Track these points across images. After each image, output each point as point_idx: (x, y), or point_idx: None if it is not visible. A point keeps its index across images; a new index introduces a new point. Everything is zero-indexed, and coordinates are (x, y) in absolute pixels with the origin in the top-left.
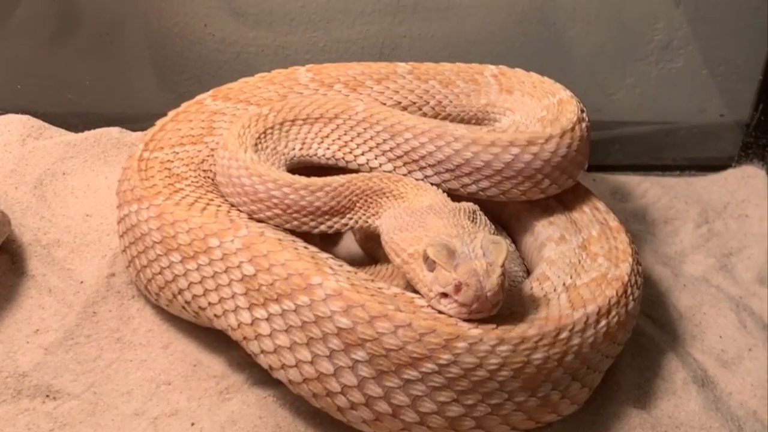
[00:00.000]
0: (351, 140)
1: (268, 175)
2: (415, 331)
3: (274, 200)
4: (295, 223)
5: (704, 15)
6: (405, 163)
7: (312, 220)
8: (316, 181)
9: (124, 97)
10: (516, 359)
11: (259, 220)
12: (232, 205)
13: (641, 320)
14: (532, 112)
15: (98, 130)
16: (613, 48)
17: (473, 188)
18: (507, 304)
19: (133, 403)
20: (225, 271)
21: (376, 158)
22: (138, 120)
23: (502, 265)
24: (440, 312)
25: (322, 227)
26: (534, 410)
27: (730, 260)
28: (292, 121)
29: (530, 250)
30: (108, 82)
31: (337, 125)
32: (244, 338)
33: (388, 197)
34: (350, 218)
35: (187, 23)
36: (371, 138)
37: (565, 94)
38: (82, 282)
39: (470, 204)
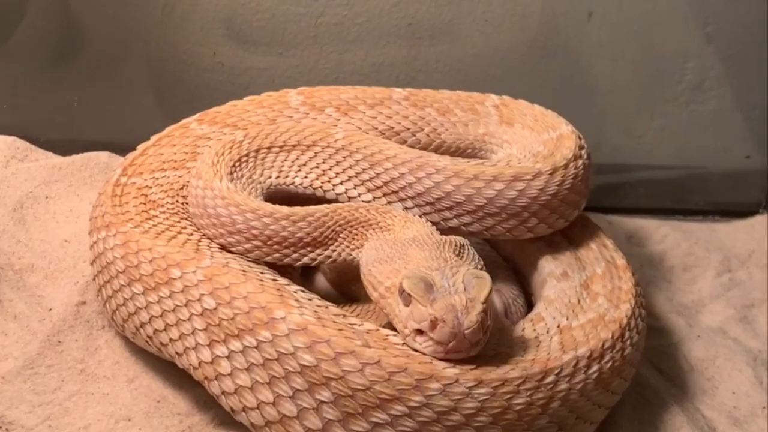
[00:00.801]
0: (329, 169)
1: (246, 204)
2: (384, 370)
3: (254, 231)
4: (276, 255)
5: (737, 54)
6: (384, 194)
7: (294, 251)
8: (298, 210)
9: (123, 122)
10: (495, 403)
11: (237, 254)
12: (208, 238)
13: (647, 371)
14: (529, 146)
15: (86, 154)
16: (640, 88)
17: (454, 223)
18: (493, 344)
19: None
20: (185, 305)
21: (354, 188)
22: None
23: (485, 302)
24: (416, 351)
25: (305, 259)
26: None
27: (751, 312)
28: (268, 148)
29: (534, 286)
30: (106, 107)
31: (315, 153)
32: (206, 378)
33: (374, 229)
34: (333, 250)
35: (195, 51)
36: (350, 167)
37: (567, 129)
38: (50, 309)
39: (459, 238)
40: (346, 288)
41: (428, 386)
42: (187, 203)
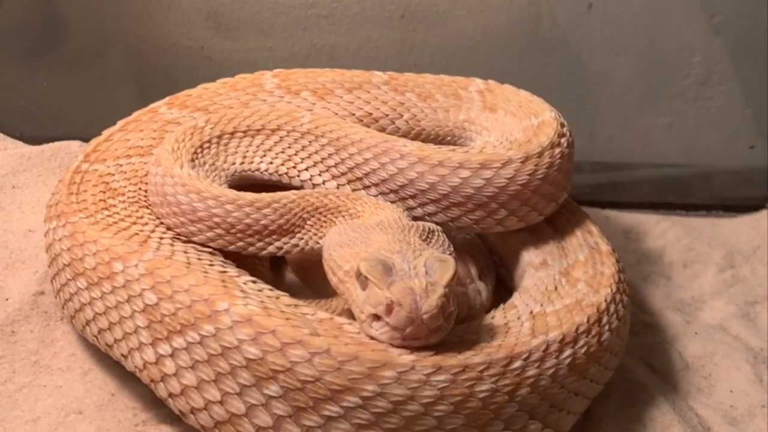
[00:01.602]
0: (295, 154)
1: (208, 191)
2: (334, 359)
3: (216, 219)
4: (240, 244)
5: (746, 47)
6: (349, 181)
7: (259, 240)
8: (263, 197)
9: (101, 115)
10: (455, 391)
11: (200, 243)
12: (168, 228)
13: (636, 367)
14: (508, 133)
15: (56, 144)
16: (644, 83)
17: (419, 212)
18: (457, 331)
19: None
20: (127, 301)
21: (320, 174)
22: None
23: (447, 286)
24: (372, 338)
25: (271, 248)
26: None
27: (754, 309)
28: (231, 133)
29: (516, 279)
30: (84, 100)
31: (281, 137)
32: (152, 380)
33: (343, 216)
34: (300, 238)
35: (178, 43)
36: (316, 152)
37: (550, 116)
38: (7, 299)
39: (430, 224)
40: (311, 281)
41: (382, 374)
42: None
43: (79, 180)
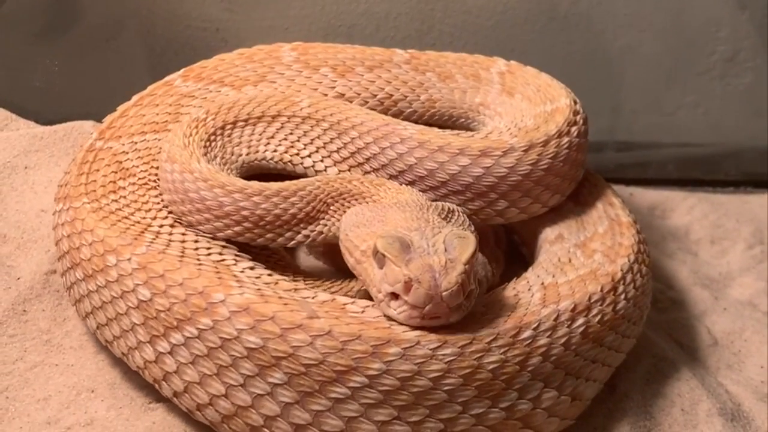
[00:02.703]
0: (297, 140)
1: (233, 184)
2: (336, 340)
3: (244, 212)
4: (269, 236)
5: None
6: (351, 167)
7: (288, 230)
8: (287, 185)
9: (114, 97)
10: (463, 364)
11: (227, 239)
12: (190, 224)
13: (664, 344)
14: (520, 119)
15: (69, 124)
16: (670, 60)
17: None
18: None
19: (47, 410)
20: (121, 296)
21: (322, 160)
22: None
23: (467, 263)
24: (390, 318)
25: (299, 237)
26: (501, 425)
27: None
28: (233, 123)
29: (534, 256)
30: (96, 81)
31: (282, 124)
32: (155, 380)
33: (366, 202)
34: (324, 225)
35: (195, 24)
36: (318, 137)
37: (565, 102)
38: (18, 278)
39: (450, 204)
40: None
41: (386, 351)
42: None
43: (92, 158)
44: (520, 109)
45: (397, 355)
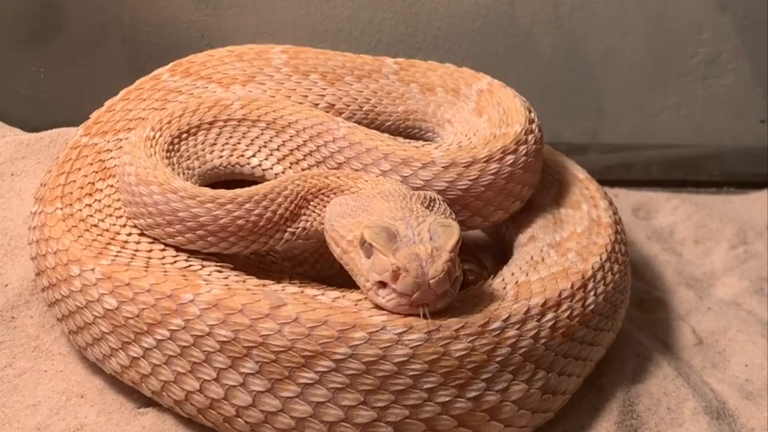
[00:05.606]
0: (238, 142)
1: (204, 195)
2: (303, 326)
3: (221, 222)
4: (262, 240)
5: (755, 23)
6: (291, 164)
7: (277, 231)
8: (259, 188)
9: (98, 103)
10: (429, 350)
11: (196, 250)
12: (176, 246)
13: (649, 343)
14: (470, 138)
15: (55, 130)
16: (652, 63)
17: None
18: None
19: (37, 416)
20: (86, 306)
21: (267, 158)
22: None
23: (452, 251)
24: (378, 307)
25: (286, 236)
26: (467, 416)
27: None
28: (178, 136)
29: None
30: (81, 87)
31: (220, 129)
32: (133, 382)
33: (344, 194)
34: (305, 220)
35: (180, 29)
36: (257, 137)
37: (515, 129)
38: (6, 285)
39: (431, 192)
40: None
41: (352, 336)
42: None
43: (75, 156)
44: (479, 129)
45: (363, 339)
